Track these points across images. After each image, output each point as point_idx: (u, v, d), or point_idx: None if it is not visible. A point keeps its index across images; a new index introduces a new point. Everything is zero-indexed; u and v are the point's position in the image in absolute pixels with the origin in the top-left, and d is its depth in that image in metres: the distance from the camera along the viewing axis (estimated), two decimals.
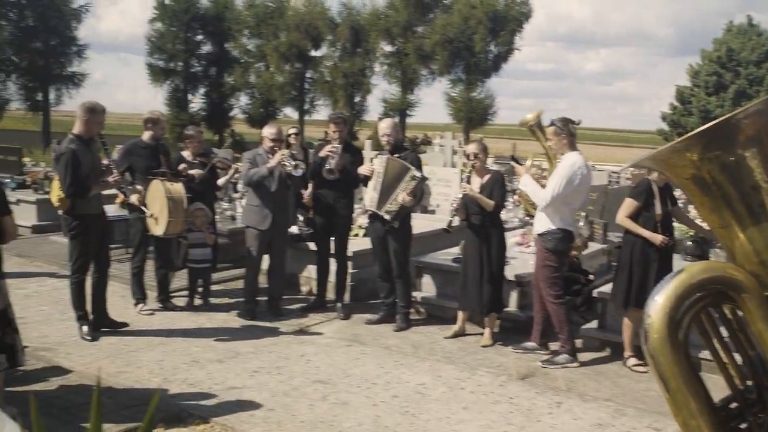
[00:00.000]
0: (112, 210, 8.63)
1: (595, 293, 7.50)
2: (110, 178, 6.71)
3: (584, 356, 6.76)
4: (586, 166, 6.52)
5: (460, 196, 7.05)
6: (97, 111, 6.71)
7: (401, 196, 7.29)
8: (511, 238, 9.05)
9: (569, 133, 6.44)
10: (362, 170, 7.62)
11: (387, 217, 7.37)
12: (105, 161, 6.87)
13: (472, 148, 7.20)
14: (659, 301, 1.96)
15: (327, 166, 7.56)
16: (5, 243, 5.00)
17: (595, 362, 6.71)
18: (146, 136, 7.77)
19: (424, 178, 7.38)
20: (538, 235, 6.64)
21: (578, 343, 6.87)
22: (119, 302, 7.77)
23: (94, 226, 6.75)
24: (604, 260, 9.59)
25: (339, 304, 8.00)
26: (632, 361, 6.54)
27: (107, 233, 7.11)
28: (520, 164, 6.86)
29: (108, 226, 7.14)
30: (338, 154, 7.62)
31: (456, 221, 7.33)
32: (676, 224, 6.86)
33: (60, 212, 7.11)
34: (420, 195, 7.51)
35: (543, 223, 6.55)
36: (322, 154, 7.72)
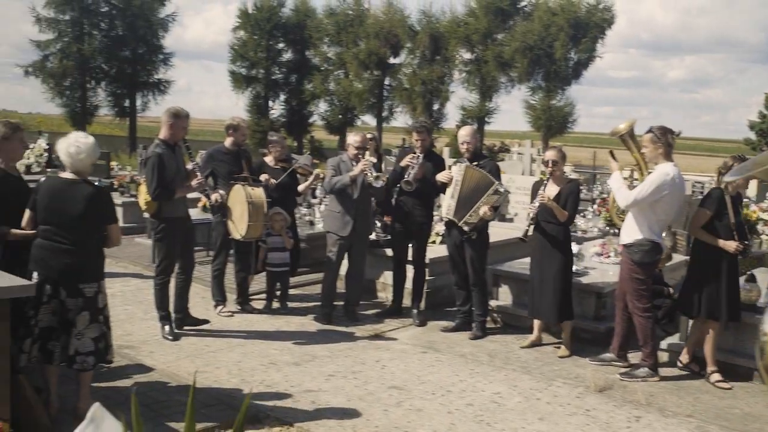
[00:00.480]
0: (194, 213, 8.85)
1: None
2: (194, 182, 6.90)
3: (665, 370, 6.60)
4: (681, 179, 6.35)
5: (537, 204, 6.98)
6: (181, 116, 6.90)
7: (483, 209, 7.26)
8: (591, 248, 8.91)
9: (666, 143, 6.26)
10: (440, 177, 7.60)
11: (465, 228, 7.35)
12: (189, 165, 7.04)
13: (550, 154, 7.12)
14: None
15: (405, 177, 7.58)
16: (108, 247, 5.19)
17: (676, 377, 6.53)
18: (228, 141, 7.94)
19: (507, 192, 7.31)
20: (625, 246, 6.49)
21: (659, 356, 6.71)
22: (200, 303, 7.94)
23: (179, 229, 6.94)
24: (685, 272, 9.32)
25: (415, 311, 8.00)
26: (715, 377, 6.36)
27: (191, 236, 7.29)
28: (616, 160, 6.71)
29: (192, 230, 7.31)
30: (418, 164, 7.62)
31: (532, 230, 7.25)
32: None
33: (146, 215, 7.30)
34: (499, 206, 7.47)
35: (630, 233, 6.40)
36: (403, 163, 7.74)
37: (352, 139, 7.89)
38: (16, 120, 5.57)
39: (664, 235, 8.23)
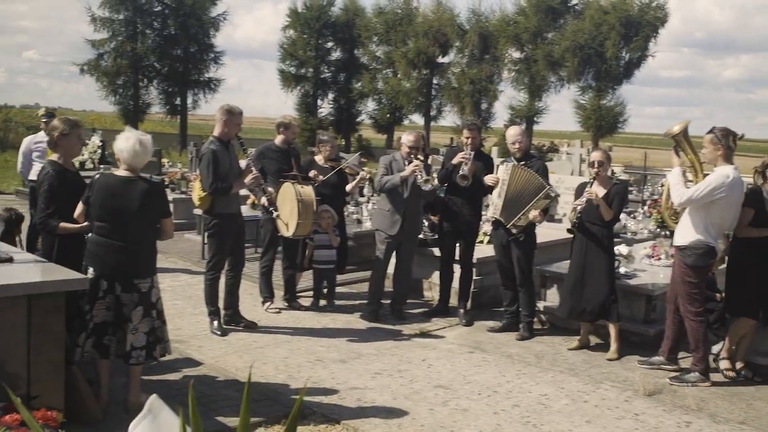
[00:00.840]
0: (243, 210, 8.93)
1: None
2: (248, 178, 6.98)
3: (716, 376, 6.47)
4: (740, 183, 6.22)
5: (584, 199, 6.91)
6: (234, 113, 7.00)
7: (532, 213, 7.21)
8: (641, 250, 8.78)
9: (727, 145, 6.12)
10: (487, 180, 7.58)
11: (514, 231, 7.31)
12: (243, 162, 7.13)
13: (596, 155, 7.04)
14: None
15: (461, 172, 7.56)
16: (162, 240, 5.28)
17: (728, 382, 6.40)
18: (278, 139, 8.01)
19: (558, 195, 7.25)
20: (678, 248, 6.38)
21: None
22: (247, 300, 8.02)
23: (231, 225, 7.03)
24: None
25: (461, 311, 7.97)
26: (724, 363, 6.48)
27: (242, 233, 7.37)
28: (678, 157, 6.59)
29: (243, 227, 7.39)
30: (471, 160, 7.60)
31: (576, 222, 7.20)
32: None
33: (198, 211, 7.41)
34: (548, 209, 7.42)
35: (685, 235, 6.28)
36: (455, 161, 7.72)
37: (406, 138, 7.88)
38: (74, 117, 5.70)
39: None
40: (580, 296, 6.99)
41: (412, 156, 7.66)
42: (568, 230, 7.22)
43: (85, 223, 5.19)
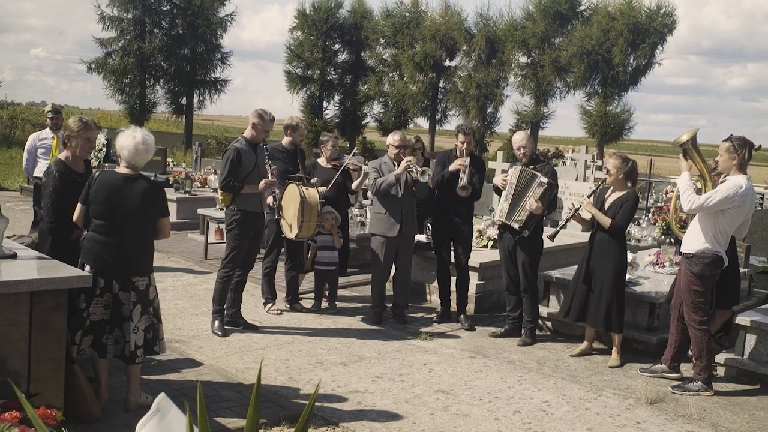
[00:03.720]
0: None
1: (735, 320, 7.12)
2: (262, 182, 6.99)
3: (719, 385, 6.44)
4: (752, 193, 6.19)
5: (571, 213, 6.98)
6: (264, 119, 7.10)
7: (529, 202, 7.19)
8: (646, 257, 8.75)
9: (743, 156, 6.07)
10: (496, 181, 7.60)
11: (516, 226, 7.28)
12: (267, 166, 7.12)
13: (608, 163, 7.02)
14: None
15: (460, 183, 7.56)
16: (158, 239, 5.26)
17: (731, 392, 6.37)
18: (286, 141, 8.02)
19: (551, 184, 7.24)
20: (685, 256, 6.35)
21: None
22: (249, 301, 8.01)
23: (251, 224, 7.06)
24: (745, 285, 9.10)
25: (462, 315, 7.95)
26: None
27: (259, 235, 7.37)
28: (687, 160, 6.55)
29: (261, 230, 7.42)
30: (467, 167, 7.60)
31: (566, 225, 7.24)
32: None
33: (203, 211, 7.40)
34: (548, 202, 7.34)
35: (693, 242, 6.25)
36: (451, 168, 7.71)
37: (392, 138, 7.90)
38: (90, 118, 5.65)
39: None
40: (585, 300, 6.97)
41: (401, 155, 7.67)
42: (549, 237, 7.26)
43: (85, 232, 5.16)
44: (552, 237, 7.26)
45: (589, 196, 7.09)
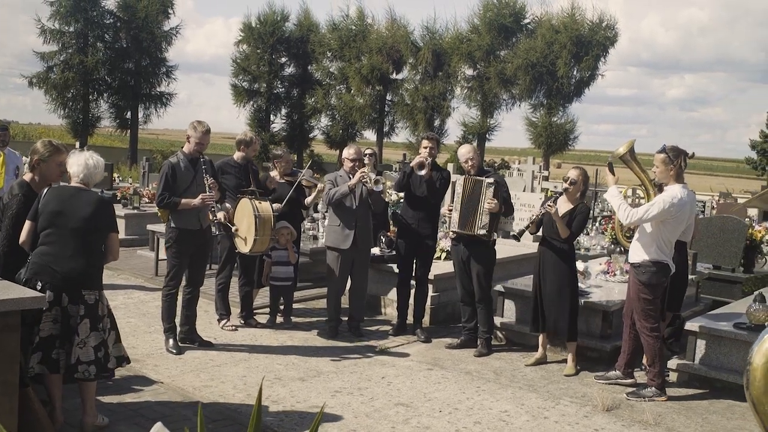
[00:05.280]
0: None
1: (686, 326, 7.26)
2: (197, 199, 6.78)
3: (672, 390, 6.56)
4: (691, 200, 6.33)
5: (542, 212, 7.00)
6: (196, 130, 6.90)
7: (487, 204, 7.25)
8: (597, 266, 8.88)
9: (679, 165, 6.22)
10: (443, 212, 7.73)
11: (483, 232, 7.31)
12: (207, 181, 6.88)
13: (573, 174, 7.10)
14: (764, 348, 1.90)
15: (419, 161, 7.63)
16: (107, 262, 5.16)
17: (684, 397, 6.49)
18: (238, 155, 7.95)
19: (497, 182, 7.32)
20: (632, 266, 6.47)
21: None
22: (203, 317, 7.91)
23: (189, 241, 6.90)
24: (693, 292, 9.30)
25: (418, 328, 7.97)
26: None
27: (204, 251, 7.21)
28: (613, 174, 6.67)
29: (206, 245, 7.23)
30: (429, 163, 7.66)
31: (527, 232, 7.26)
32: None
33: (152, 227, 7.25)
34: (503, 201, 7.38)
35: (638, 253, 6.38)
36: (412, 164, 7.78)
37: (347, 152, 7.92)
38: (58, 142, 5.53)
39: None
40: (540, 310, 7.06)
41: (356, 168, 7.69)
42: (513, 236, 7.29)
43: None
44: (518, 236, 7.22)
45: (550, 204, 7.06)
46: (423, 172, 7.63)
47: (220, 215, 7.48)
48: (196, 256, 7.04)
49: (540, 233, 7.25)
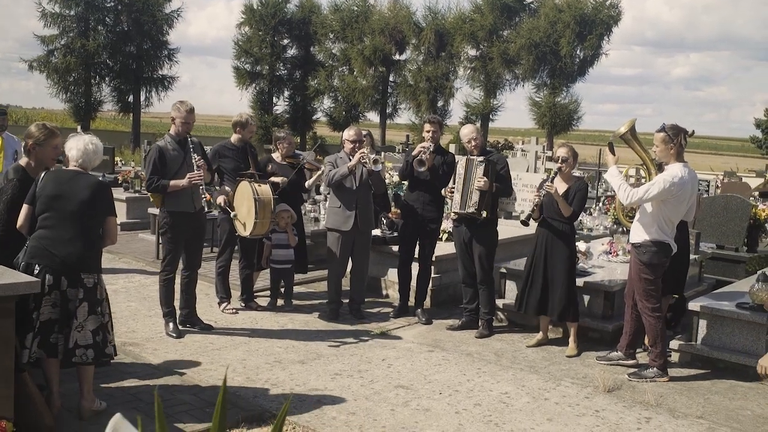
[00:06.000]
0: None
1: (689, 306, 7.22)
2: (185, 179, 6.67)
3: (674, 371, 6.53)
4: (692, 179, 6.26)
5: (543, 193, 6.93)
6: (180, 110, 6.80)
7: (476, 183, 7.21)
8: (599, 247, 8.84)
9: (679, 143, 6.15)
10: (444, 193, 7.62)
11: (473, 210, 7.26)
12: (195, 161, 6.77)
13: (562, 152, 7.05)
14: None
15: (418, 158, 7.53)
16: (105, 245, 5.13)
17: (685, 377, 6.46)
18: (235, 138, 7.89)
19: (488, 160, 7.26)
20: (633, 246, 6.42)
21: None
22: (204, 300, 7.89)
23: (183, 224, 6.85)
24: (695, 272, 9.25)
25: (419, 309, 7.94)
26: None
27: (199, 233, 7.18)
28: (614, 154, 6.60)
29: (201, 227, 7.19)
30: (430, 151, 7.59)
31: (534, 216, 7.19)
32: None
33: (154, 210, 7.19)
34: (493, 178, 7.28)
35: (639, 233, 6.33)
36: (414, 152, 7.70)
37: (347, 133, 7.87)
38: (52, 125, 5.47)
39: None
40: (543, 292, 7.00)
41: (356, 149, 7.63)
42: (522, 221, 7.23)
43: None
44: (526, 221, 7.17)
45: (548, 184, 6.99)
46: (423, 169, 7.56)
47: (220, 199, 7.46)
48: (192, 239, 7.00)
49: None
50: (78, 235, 4.86)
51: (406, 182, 8.36)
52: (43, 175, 4.99)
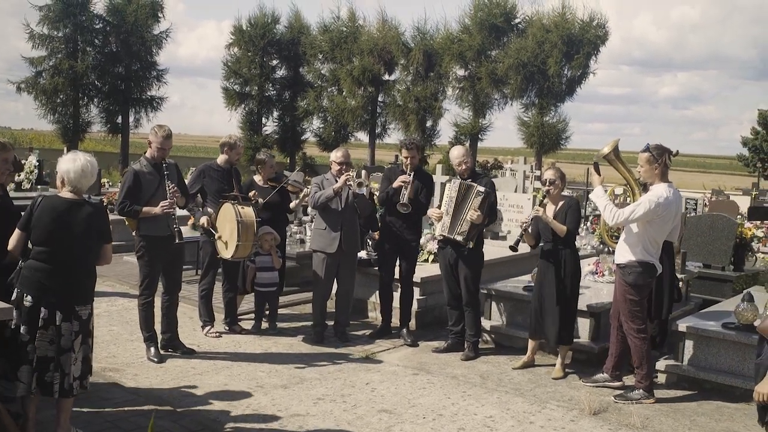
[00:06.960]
0: (183, 232, 8.70)
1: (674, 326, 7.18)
2: (158, 207, 6.59)
3: (660, 392, 6.47)
4: (677, 199, 6.24)
5: (531, 216, 6.91)
6: (156, 134, 6.75)
7: (469, 214, 7.17)
8: (585, 267, 8.79)
9: (663, 164, 6.14)
10: (430, 213, 7.58)
11: (460, 238, 7.22)
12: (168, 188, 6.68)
13: (549, 174, 7.01)
14: None
15: (401, 200, 7.49)
16: (100, 265, 5.08)
17: (671, 399, 6.41)
18: (221, 159, 7.83)
19: (488, 192, 7.22)
20: (618, 266, 6.39)
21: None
22: (187, 324, 7.80)
23: (160, 248, 6.77)
24: (683, 290, 9.20)
25: (404, 331, 7.87)
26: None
27: (178, 256, 7.09)
28: (599, 174, 6.57)
29: (179, 250, 7.09)
30: (410, 183, 7.54)
31: (522, 240, 7.15)
32: None
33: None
34: (488, 211, 7.29)
35: (624, 254, 6.29)
36: (395, 185, 7.65)
37: (334, 155, 7.84)
38: (4, 139, 5.43)
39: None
40: (543, 315, 6.94)
41: (343, 171, 7.59)
42: (511, 247, 7.19)
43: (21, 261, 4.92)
44: (515, 247, 7.14)
45: (537, 208, 6.97)
46: (405, 211, 7.54)
47: (203, 220, 7.40)
48: (170, 262, 6.93)
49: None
50: (73, 268, 4.80)
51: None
52: (39, 201, 4.88)
